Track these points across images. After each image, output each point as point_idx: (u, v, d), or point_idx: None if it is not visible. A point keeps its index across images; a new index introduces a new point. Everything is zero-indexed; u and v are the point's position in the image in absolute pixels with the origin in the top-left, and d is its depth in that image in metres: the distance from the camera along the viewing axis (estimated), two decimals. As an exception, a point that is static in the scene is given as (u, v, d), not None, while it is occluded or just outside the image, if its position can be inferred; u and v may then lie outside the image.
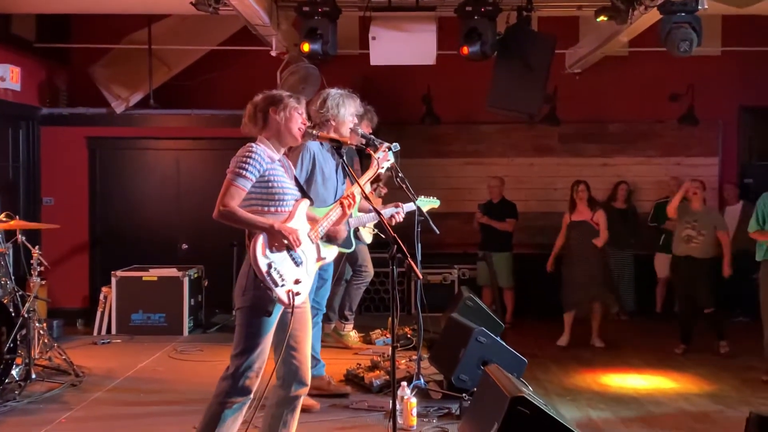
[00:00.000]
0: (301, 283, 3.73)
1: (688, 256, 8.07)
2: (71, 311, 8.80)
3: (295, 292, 3.66)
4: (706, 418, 6.12)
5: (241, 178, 3.65)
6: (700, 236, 8.02)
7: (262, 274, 3.57)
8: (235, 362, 3.66)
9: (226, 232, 7.94)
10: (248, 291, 3.64)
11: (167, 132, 9.30)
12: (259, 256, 3.58)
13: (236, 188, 3.65)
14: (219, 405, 3.66)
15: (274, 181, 3.73)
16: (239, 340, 3.68)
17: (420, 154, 10.06)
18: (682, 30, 6.50)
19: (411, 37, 7.63)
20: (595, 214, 8.46)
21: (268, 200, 3.72)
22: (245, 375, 3.64)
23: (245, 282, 3.65)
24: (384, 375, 5.73)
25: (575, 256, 8.44)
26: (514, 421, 3.86)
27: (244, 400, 3.68)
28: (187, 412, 5.21)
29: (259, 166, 3.68)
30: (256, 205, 3.71)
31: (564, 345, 8.46)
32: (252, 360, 3.64)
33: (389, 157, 4.47)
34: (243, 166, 3.66)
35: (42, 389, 5.76)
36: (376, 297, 9.08)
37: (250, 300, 3.64)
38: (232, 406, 3.65)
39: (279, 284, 3.61)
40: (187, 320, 7.93)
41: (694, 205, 8.16)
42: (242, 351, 3.66)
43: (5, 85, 8.25)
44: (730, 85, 10.29)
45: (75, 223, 9.04)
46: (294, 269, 3.71)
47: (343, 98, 5.07)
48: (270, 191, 3.72)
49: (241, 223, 3.67)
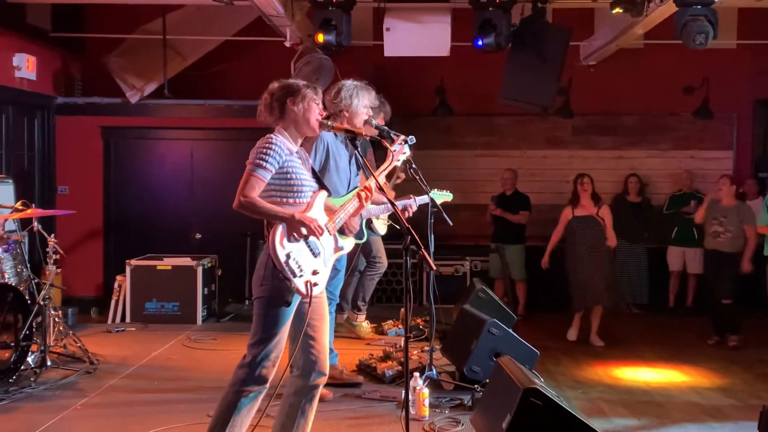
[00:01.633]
0: (318, 274, 3.75)
1: (715, 250, 8.06)
2: (85, 299, 8.88)
3: (313, 282, 3.68)
4: (718, 412, 6.11)
5: (261, 169, 3.67)
6: (727, 232, 7.98)
7: (281, 265, 3.59)
8: (253, 351, 3.68)
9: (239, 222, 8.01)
10: (266, 281, 3.65)
11: (181, 122, 9.33)
12: (278, 246, 3.60)
13: (256, 179, 3.67)
14: (235, 393, 3.68)
15: (293, 173, 3.75)
16: (257, 330, 3.70)
17: (433, 145, 10.04)
18: (698, 23, 6.47)
19: (425, 28, 7.63)
20: (600, 209, 8.25)
21: (287, 191, 3.74)
22: (262, 364, 3.66)
23: (263, 272, 3.67)
24: (396, 365, 5.76)
25: (582, 253, 8.15)
26: (527, 413, 3.87)
27: (260, 389, 3.70)
28: (201, 400, 5.27)
29: (278, 158, 3.69)
30: (275, 196, 3.73)
31: (574, 339, 8.44)
32: (269, 349, 3.66)
33: (405, 150, 4.47)
34: (263, 157, 3.67)
35: (57, 376, 5.82)
36: (388, 288, 9.10)
37: (268, 290, 3.66)
38: (248, 395, 3.67)
39: (297, 274, 3.63)
40: (200, 309, 7.97)
41: (724, 201, 8.11)
42: (259, 340, 3.68)
43: (21, 74, 8.32)
44: (745, 79, 10.23)
45: (89, 212, 9.10)
46: (312, 260, 3.73)
47: (357, 89, 5.09)
48: (289, 183, 3.73)
49: (261, 214, 3.69)
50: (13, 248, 6.10)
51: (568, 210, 8.40)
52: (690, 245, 9.67)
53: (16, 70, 8.27)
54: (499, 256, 9.33)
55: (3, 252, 5.94)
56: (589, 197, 8.33)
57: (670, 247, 9.83)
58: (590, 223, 8.24)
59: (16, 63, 8.26)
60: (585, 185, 8.32)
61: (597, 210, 8.26)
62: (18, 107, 8.50)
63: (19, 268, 6.10)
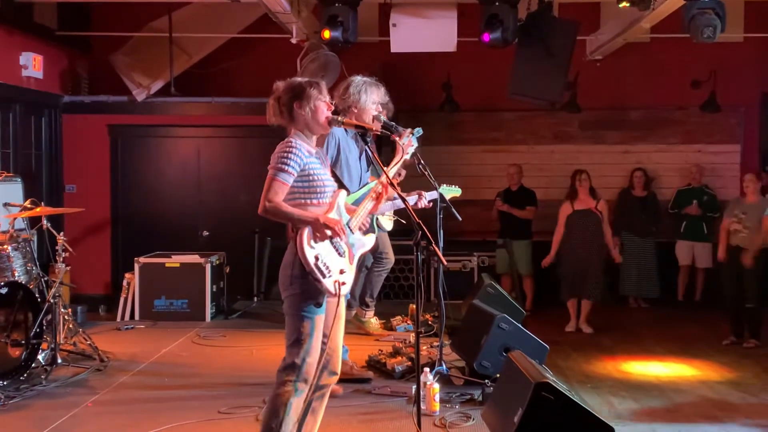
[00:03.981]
0: (345, 273, 3.77)
1: (737, 246, 7.94)
2: (93, 297, 8.90)
3: (342, 282, 3.71)
4: (729, 406, 6.11)
5: (283, 173, 3.67)
6: (745, 230, 7.88)
7: (310, 267, 3.61)
8: (293, 351, 3.70)
9: (246, 219, 8.09)
10: (296, 280, 3.67)
11: (188, 120, 9.34)
12: (306, 248, 3.62)
13: (279, 183, 3.67)
14: (282, 395, 3.68)
15: (314, 175, 3.76)
16: (292, 330, 3.71)
17: (439, 141, 10.03)
18: (705, 16, 6.46)
19: (431, 24, 7.63)
20: (598, 203, 8.48)
21: (310, 193, 3.75)
22: (303, 363, 3.68)
23: (291, 271, 3.68)
24: (406, 361, 5.75)
25: (577, 246, 8.43)
26: (539, 407, 3.88)
27: (304, 387, 3.72)
28: (212, 397, 5.28)
29: (300, 161, 3.70)
30: (298, 198, 3.74)
31: (573, 330, 8.52)
32: (308, 348, 3.69)
33: (413, 143, 4.47)
34: (284, 161, 3.68)
35: (68, 374, 5.82)
36: (396, 284, 9.10)
37: (298, 288, 3.68)
38: (294, 395, 3.69)
39: (326, 275, 3.65)
40: (209, 306, 7.97)
41: (749, 198, 8.03)
42: (296, 340, 3.69)
43: (28, 73, 8.33)
44: (753, 72, 10.19)
45: (97, 211, 9.12)
46: (338, 259, 3.75)
47: (366, 86, 5.08)
48: (311, 184, 3.75)
49: (286, 218, 3.72)
50: (23, 246, 6.11)
51: (567, 205, 8.62)
52: (699, 240, 9.66)
53: (23, 69, 8.29)
54: (506, 252, 9.32)
55: (13, 250, 5.95)
56: (587, 192, 8.54)
57: (678, 242, 9.81)
58: (589, 216, 8.47)
59: (23, 62, 8.27)
60: (583, 181, 8.56)
61: (596, 204, 8.46)
62: (25, 106, 8.51)
63: (28, 266, 6.11)
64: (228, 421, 4.81)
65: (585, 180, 8.53)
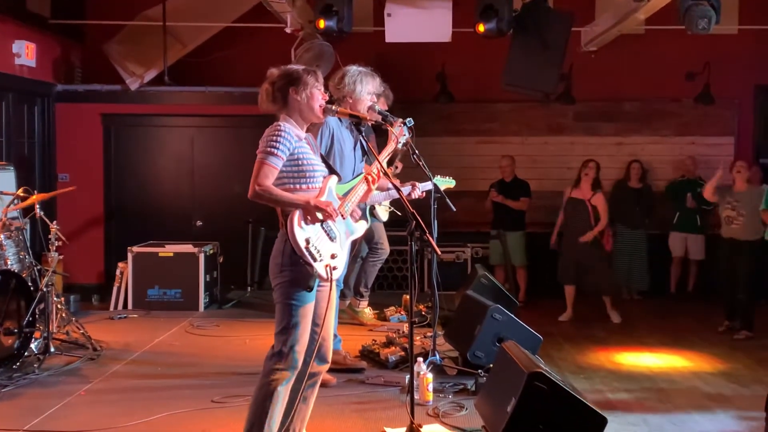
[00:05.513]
0: (336, 258, 3.75)
1: (731, 238, 7.96)
2: (86, 287, 8.87)
3: (333, 266, 3.69)
4: (720, 397, 6.14)
5: (272, 157, 3.65)
6: (740, 217, 7.88)
7: (301, 250, 3.59)
8: (281, 338, 3.69)
9: (240, 208, 8.08)
10: (286, 267, 3.65)
11: (181, 109, 9.31)
12: (297, 230, 3.60)
13: (269, 167, 3.65)
14: (270, 384, 3.67)
15: (304, 159, 3.74)
16: (282, 317, 3.70)
17: (433, 132, 10.01)
18: (700, 7, 6.47)
19: (426, 14, 7.61)
20: (594, 196, 8.49)
21: (299, 178, 3.73)
22: (292, 351, 3.67)
23: (281, 259, 3.67)
24: (399, 351, 5.76)
25: (569, 232, 8.64)
26: (532, 397, 3.88)
27: (292, 375, 3.71)
28: (205, 386, 5.28)
29: (288, 144, 3.68)
30: (287, 183, 3.72)
31: (566, 320, 8.54)
32: (296, 335, 3.67)
33: (405, 132, 4.47)
34: (273, 144, 3.66)
35: (61, 362, 5.82)
36: (389, 275, 9.11)
37: (288, 275, 3.66)
38: (282, 383, 3.68)
39: (317, 259, 3.63)
40: (203, 296, 7.97)
41: (738, 185, 8.02)
42: (285, 327, 3.68)
43: (21, 62, 8.29)
44: (747, 64, 10.19)
45: (90, 200, 9.10)
46: (330, 244, 3.73)
47: (361, 75, 5.07)
48: (300, 169, 3.72)
49: (276, 202, 3.68)
50: (16, 235, 6.09)
51: (568, 190, 8.80)
52: (691, 231, 9.68)
53: (15, 57, 8.24)
54: (500, 243, 9.33)
55: (5, 239, 5.93)
56: (589, 182, 8.57)
57: (671, 233, 9.82)
58: (579, 207, 8.56)
59: (16, 50, 8.22)
60: (588, 170, 8.57)
61: (590, 196, 8.45)
62: (18, 95, 8.47)
63: (21, 254, 6.09)
64: (221, 410, 4.81)
65: (590, 169, 8.56)
